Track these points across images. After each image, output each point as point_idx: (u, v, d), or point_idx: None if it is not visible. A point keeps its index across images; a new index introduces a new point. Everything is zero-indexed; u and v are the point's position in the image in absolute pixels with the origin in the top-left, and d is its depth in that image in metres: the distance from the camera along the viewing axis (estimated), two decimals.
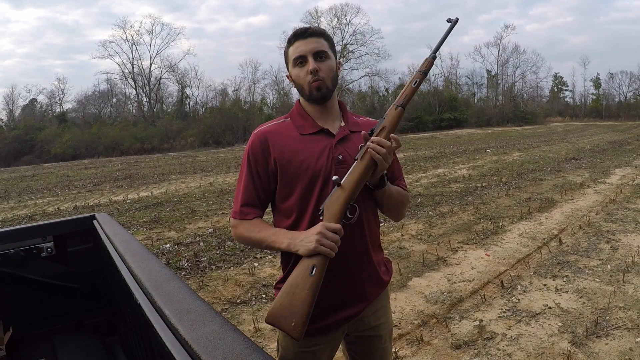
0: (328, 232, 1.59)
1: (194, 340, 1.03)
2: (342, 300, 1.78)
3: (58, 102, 57.38)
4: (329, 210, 1.64)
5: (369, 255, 1.83)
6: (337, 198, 1.63)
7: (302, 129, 1.78)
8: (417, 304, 4.52)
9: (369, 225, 1.83)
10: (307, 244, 1.59)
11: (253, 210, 1.79)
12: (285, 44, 1.82)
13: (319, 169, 1.71)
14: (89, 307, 2.82)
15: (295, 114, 1.84)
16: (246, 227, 1.78)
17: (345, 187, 1.64)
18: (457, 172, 14.12)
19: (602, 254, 5.69)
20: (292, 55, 1.77)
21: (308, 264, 1.59)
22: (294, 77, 1.79)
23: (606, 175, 12.04)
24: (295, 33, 1.78)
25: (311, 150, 1.74)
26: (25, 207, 11.87)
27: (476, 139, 31.16)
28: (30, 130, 45.40)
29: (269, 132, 1.79)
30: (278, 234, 1.71)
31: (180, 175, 17.33)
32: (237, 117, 45.72)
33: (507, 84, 63.25)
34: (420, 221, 7.91)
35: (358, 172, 1.65)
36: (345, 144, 1.77)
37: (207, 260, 6.23)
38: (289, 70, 1.82)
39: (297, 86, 1.80)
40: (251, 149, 1.78)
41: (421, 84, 1.79)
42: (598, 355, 3.45)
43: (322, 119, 1.81)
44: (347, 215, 1.67)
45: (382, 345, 1.98)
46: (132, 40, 54.94)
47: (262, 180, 1.78)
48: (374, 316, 1.91)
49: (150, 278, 1.52)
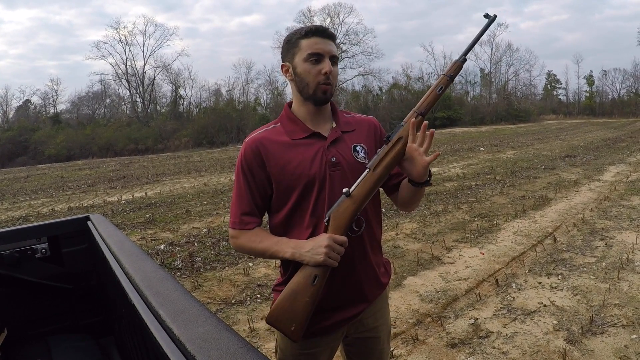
0: (336, 245, 1.60)
1: (189, 340, 1.03)
2: (342, 301, 1.78)
3: (52, 103, 57.34)
4: (336, 220, 1.62)
5: (369, 257, 1.82)
6: (346, 209, 1.62)
7: (293, 134, 1.74)
8: (412, 303, 4.52)
9: (371, 228, 1.83)
10: (316, 256, 1.59)
11: (252, 219, 1.76)
12: (294, 34, 1.74)
13: (313, 174, 1.69)
14: (83, 308, 2.81)
15: (285, 119, 1.79)
16: (247, 237, 1.75)
17: (354, 199, 1.62)
18: (451, 170, 14.14)
19: (596, 252, 5.71)
20: (308, 49, 1.69)
21: (310, 273, 1.61)
22: (301, 71, 1.70)
23: (600, 173, 12.08)
24: (314, 28, 1.71)
25: (304, 155, 1.71)
26: (20, 208, 11.84)
27: (470, 137, 31.20)
28: (24, 132, 45.27)
29: (261, 139, 1.74)
30: (281, 243, 1.70)
31: (174, 176, 17.30)
32: (231, 118, 45.74)
33: (501, 82, 63.25)
34: (414, 220, 7.92)
35: (370, 184, 1.64)
36: (337, 146, 1.75)
37: (202, 261, 6.22)
38: (292, 61, 1.74)
39: (299, 81, 1.73)
40: (244, 158, 1.73)
41: (446, 89, 1.72)
42: (593, 353, 3.46)
43: (314, 121, 1.77)
44: (354, 228, 1.67)
45: (380, 347, 1.98)
46: (126, 40, 55.03)
47: (259, 187, 1.74)
48: (373, 317, 1.91)
49: (145, 278, 1.52)
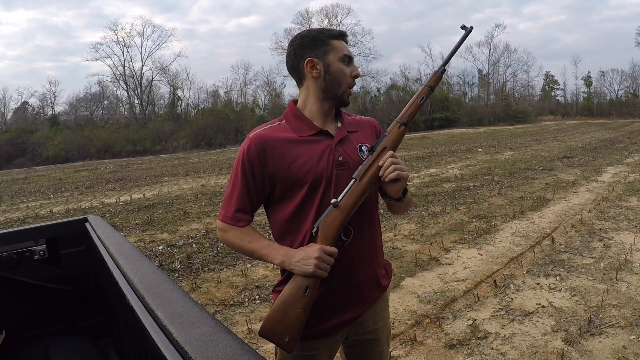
0: (325, 256, 1.60)
1: (187, 342, 1.03)
2: (342, 304, 1.77)
3: (50, 104, 57.37)
4: (324, 230, 1.63)
5: (369, 259, 1.82)
6: (334, 220, 1.62)
7: (300, 131, 1.72)
8: (411, 304, 4.52)
9: (370, 230, 1.83)
10: (305, 267, 1.60)
11: (245, 216, 1.74)
12: (320, 32, 1.75)
13: (320, 172, 1.67)
14: (81, 310, 2.81)
15: (291, 116, 1.78)
16: (237, 234, 1.74)
17: (342, 209, 1.63)
18: (449, 171, 14.15)
19: (594, 252, 5.72)
20: (343, 50, 1.73)
21: (302, 284, 1.61)
22: (335, 70, 1.72)
23: (598, 174, 12.10)
24: (343, 32, 1.78)
25: (311, 152, 1.69)
26: (18, 210, 11.82)
27: (468, 138, 31.23)
28: (22, 133, 45.34)
29: (266, 135, 1.71)
30: (271, 248, 1.69)
31: (172, 177, 17.30)
32: (229, 119, 45.81)
33: (499, 83, 63.35)
34: (412, 221, 7.92)
35: (356, 194, 1.65)
36: (344, 145, 1.74)
37: (200, 262, 6.21)
38: (323, 58, 1.72)
39: (329, 79, 1.73)
40: (247, 154, 1.69)
41: (427, 99, 1.76)
42: (592, 354, 3.47)
43: (321, 119, 1.77)
44: (342, 238, 1.67)
45: (380, 349, 1.98)
46: (124, 42, 55.15)
47: (257, 185, 1.71)
48: (373, 320, 1.90)
49: (143, 280, 1.51)
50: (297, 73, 1.79)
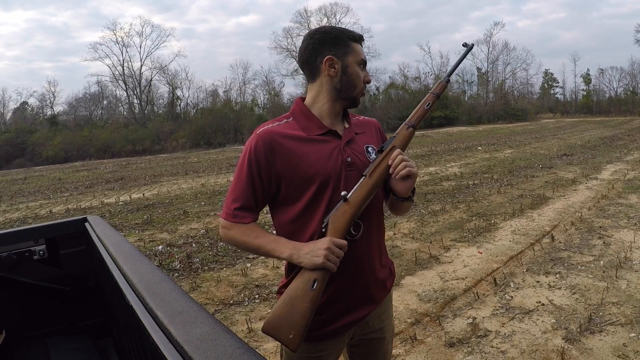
0: (335, 248, 1.58)
1: (186, 341, 1.03)
2: (350, 304, 1.76)
3: (49, 104, 57.19)
4: (334, 224, 1.62)
5: (377, 259, 1.82)
6: (343, 213, 1.61)
7: (309, 130, 1.70)
8: (411, 303, 4.53)
9: (377, 230, 1.83)
10: (315, 258, 1.57)
11: (249, 214, 1.71)
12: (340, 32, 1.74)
13: (328, 172, 1.66)
14: (81, 310, 2.80)
15: (299, 114, 1.75)
16: (241, 230, 1.70)
17: (351, 203, 1.62)
18: (448, 170, 14.16)
19: (594, 250, 5.72)
20: (360, 55, 1.75)
21: (309, 277, 1.58)
22: (353, 72, 1.73)
23: (598, 171, 12.11)
24: (361, 36, 1.80)
25: (320, 152, 1.67)
26: (17, 210, 11.82)
27: (467, 136, 31.25)
28: (22, 134, 45.29)
29: (274, 132, 1.67)
30: (278, 242, 1.67)
31: (172, 177, 17.29)
32: (228, 118, 45.79)
33: (498, 81, 63.28)
34: (412, 219, 7.92)
35: (366, 190, 1.64)
36: (352, 146, 1.74)
37: (200, 262, 6.21)
38: (343, 58, 1.72)
39: (346, 80, 1.73)
40: (254, 150, 1.65)
41: (434, 105, 1.81)
42: (592, 352, 3.47)
43: (330, 119, 1.75)
44: (352, 232, 1.66)
45: (384, 348, 1.97)
46: (122, 42, 55.13)
47: (264, 183, 1.67)
48: (379, 319, 1.90)
49: (143, 280, 1.51)
50: (311, 68, 1.75)
